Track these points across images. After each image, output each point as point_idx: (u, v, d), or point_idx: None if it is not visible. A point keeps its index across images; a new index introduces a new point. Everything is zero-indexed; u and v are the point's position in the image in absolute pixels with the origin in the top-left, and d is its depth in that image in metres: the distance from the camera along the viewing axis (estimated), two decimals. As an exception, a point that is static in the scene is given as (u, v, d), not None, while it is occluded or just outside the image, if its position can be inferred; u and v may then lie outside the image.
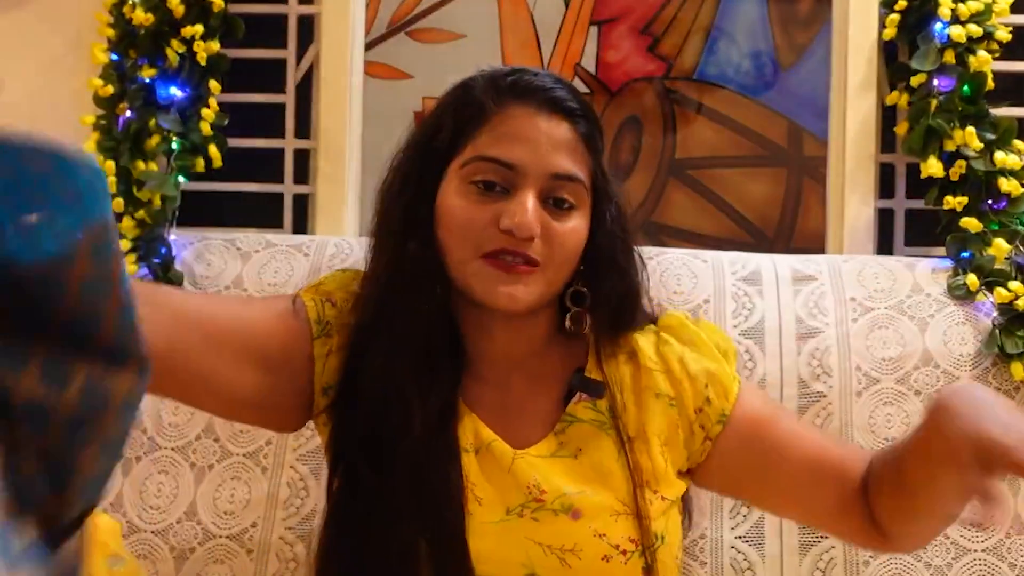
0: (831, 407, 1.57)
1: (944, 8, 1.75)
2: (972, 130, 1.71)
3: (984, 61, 1.74)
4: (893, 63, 1.86)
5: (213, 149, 1.81)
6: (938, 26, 1.76)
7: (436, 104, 1.18)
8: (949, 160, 1.73)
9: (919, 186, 1.81)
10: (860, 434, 1.56)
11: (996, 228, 1.69)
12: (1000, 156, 1.70)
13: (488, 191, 1.09)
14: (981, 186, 1.71)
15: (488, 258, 1.09)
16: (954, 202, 1.71)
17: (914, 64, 1.77)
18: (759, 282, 1.66)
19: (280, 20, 1.96)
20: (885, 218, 1.90)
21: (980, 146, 1.71)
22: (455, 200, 1.10)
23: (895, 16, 1.80)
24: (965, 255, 1.68)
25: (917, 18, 1.79)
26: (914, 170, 1.82)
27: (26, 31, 1.92)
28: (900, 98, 1.82)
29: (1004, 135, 1.72)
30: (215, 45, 1.82)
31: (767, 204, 1.95)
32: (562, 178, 1.10)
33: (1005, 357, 1.58)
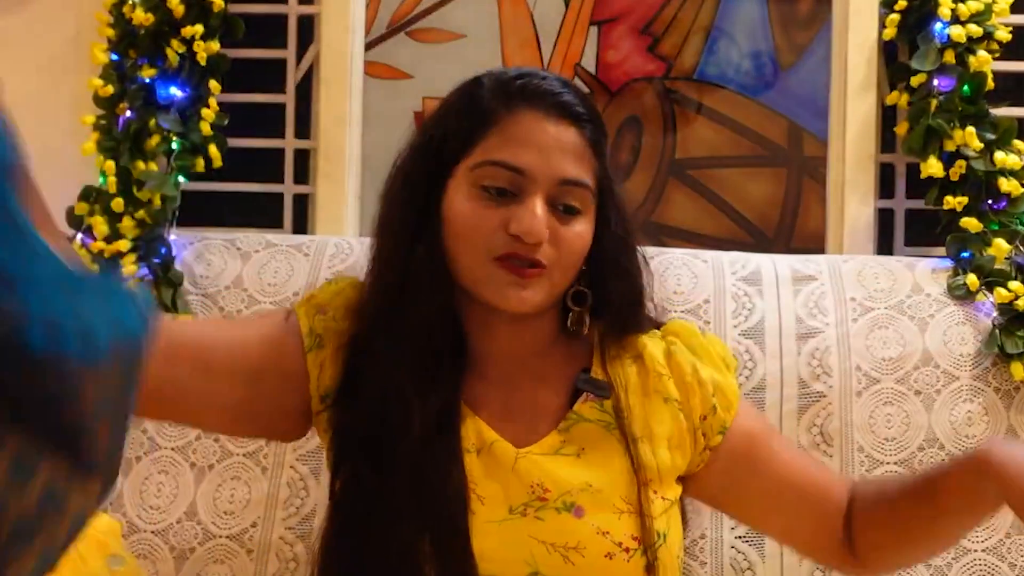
0: (831, 407, 1.57)
1: (944, 8, 1.75)
2: (972, 130, 1.71)
3: (984, 61, 1.74)
4: (893, 63, 1.86)
5: (213, 149, 1.81)
6: (938, 26, 1.76)
7: (442, 104, 1.18)
8: (949, 160, 1.73)
9: (919, 186, 1.81)
10: (860, 434, 1.56)
11: (996, 228, 1.69)
12: (1000, 156, 1.70)
13: (497, 196, 1.10)
14: (981, 186, 1.71)
15: (499, 261, 1.10)
16: (954, 202, 1.71)
17: (914, 64, 1.77)
18: (759, 282, 1.66)
19: (280, 20, 1.96)
20: (885, 218, 1.90)
21: (980, 146, 1.71)
22: (464, 203, 1.11)
23: (895, 16, 1.80)
24: (965, 255, 1.68)
25: (917, 18, 1.79)
26: (914, 170, 1.82)
27: (26, 31, 1.92)
28: (900, 98, 1.82)
29: (1004, 135, 1.72)
30: (215, 45, 1.82)
31: (767, 204, 1.95)
32: (570, 184, 1.11)
33: (1005, 357, 1.58)
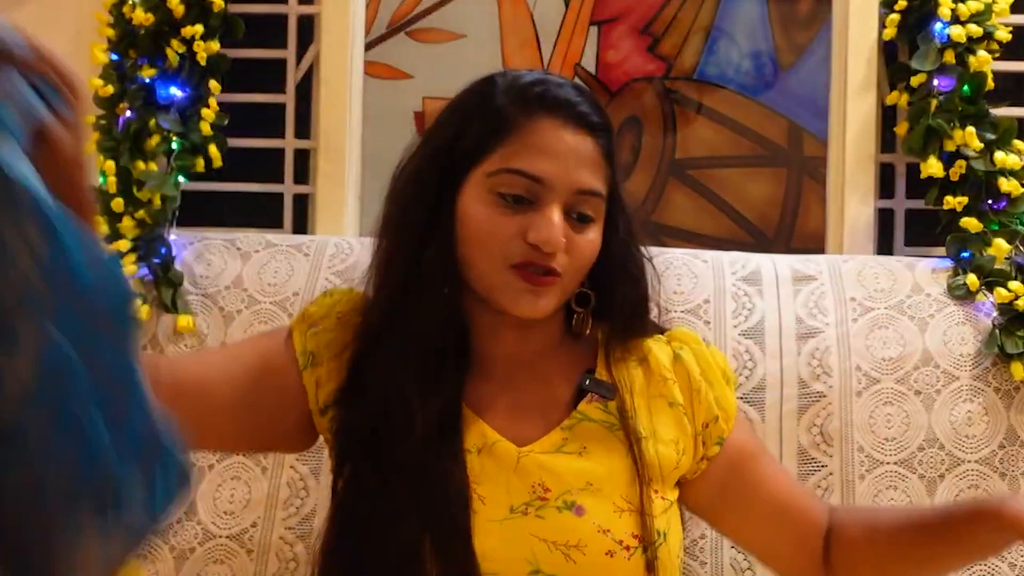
0: (831, 407, 1.57)
1: (944, 8, 1.75)
2: (972, 130, 1.71)
3: (984, 61, 1.74)
4: (893, 63, 1.86)
5: (213, 149, 1.81)
6: (938, 26, 1.76)
7: (453, 105, 1.18)
8: (949, 160, 1.73)
9: (919, 186, 1.81)
10: (860, 434, 1.56)
11: (996, 228, 1.69)
12: (1000, 156, 1.70)
13: (514, 203, 1.11)
14: (981, 186, 1.71)
15: (516, 269, 1.11)
16: (954, 202, 1.71)
17: (914, 64, 1.77)
18: (759, 282, 1.66)
19: (280, 20, 1.96)
20: (885, 218, 1.90)
21: (980, 146, 1.71)
22: (480, 209, 1.11)
23: (895, 16, 1.80)
24: (965, 255, 1.68)
25: (917, 18, 1.79)
26: (914, 170, 1.82)
27: (26, 31, 1.92)
28: (900, 98, 1.82)
29: (1004, 135, 1.72)
30: (215, 45, 1.82)
31: (767, 204, 1.95)
32: (586, 193, 1.13)
33: (1005, 357, 1.58)
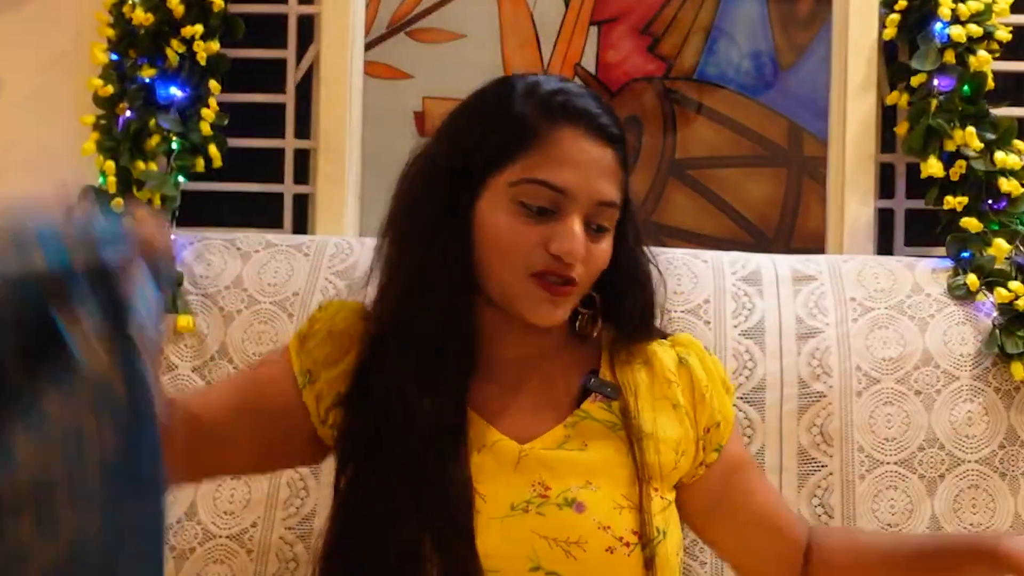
0: (831, 407, 1.57)
1: (944, 8, 1.75)
2: (972, 130, 1.71)
3: (984, 61, 1.74)
4: (893, 63, 1.86)
5: (213, 149, 1.81)
6: (938, 26, 1.76)
7: (468, 109, 1.19)
8: (949, 160, 1.73)
9: (919, 186, 1.81)
10: (860, 434, 1.56)
11: (996, 228, 1.69)
12: (1000, 156, 1.70)
13: (537, 214, 1.12)
14: (981, 186, 1.71)
15: (536, 278, 1.12)
16: (954, 202, 1.71)
17: (914, 64, 1.77)
18: (759, 282, 1.66)
19: (280, 20, 1.96)
20: (885, 218, 1.90)
21: (980, 146, 1.71)
22: (504, 218, 1.12)
23: (895, 16, 1.80)
24: (965, 255, 1.68)
25: (917, 18, 1.79)
26: (914, 170, 1.82)
27: (26, 31, 1.92)
28: (900, 98, 1.82)
29: (1004, 135, 1.72)
30: (215, 45, 1.82)
31: (767, 204, 1.95)
32: (605, 204, 1.14)
33: (1005, 357, 1.58)
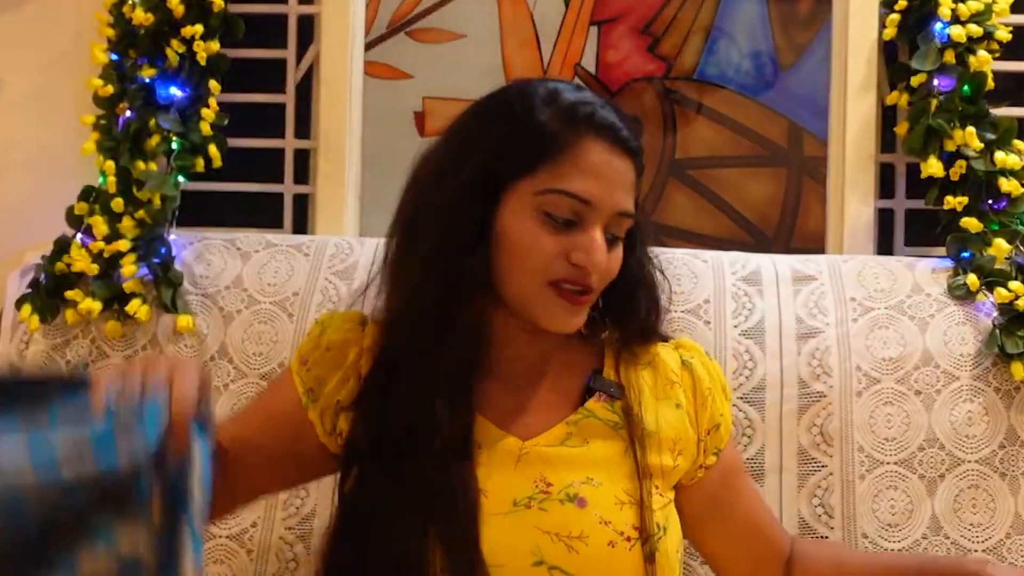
0: (831, 407, 1.57)
1: (944, 8, 1.75)
2: (972, 130, 1.71)
3: (984, 61, 1.74)
4: (893, 63, 1.86)
5: (213, 149, 1.81)
6: (938, 26, 1.76)
7: (485, 114, 1.19)
8: (949, 160, 1.73)
9: (919, 186, 1.81)
10: (860, 434, 1.56)
11: (996, 228, 1.69)
12: (1000, 156, 1.70)
13: (561, 224, 1.13)
14: (981, 186, 1.71)
15: (553, 286, 1.14)
16: (954, 202, 1.71)
17: (914, 64, 1.77)
18: (759, 282, 1.66)
19: (280, 20, 1.96)
20: (885, 218, 1.90)
21: (980, 146, 1.71)
22: (530, 227, 1.13)
23: (895, 16, 1.80)
24: (965, 255, 1.68)
25: (917, 18, 1.79)
26: (914, 170, 1.82)
27: (26, 31, 1.92)
28: (900, 98, 1.81)
29: (1004, 135, 1.72)
30: (215, 45, 1.82)
31: (767, 204, 1.95)
32: (624, 215, 1.17)
33: (1005, 357, 1.58)
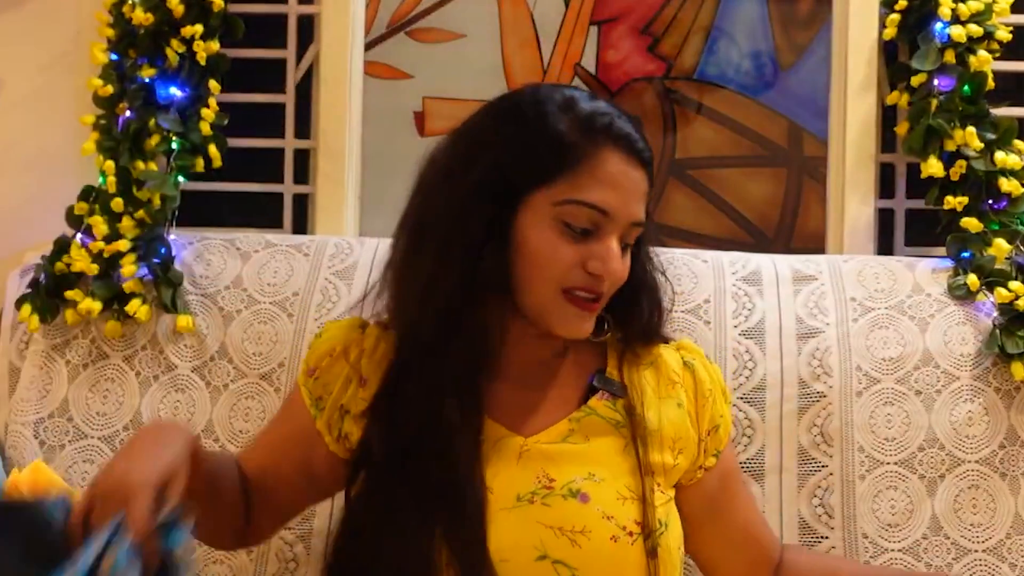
0: (831, 407, 1.57)
1: (944, 8, 1.75)
2: (972, 130, 1.71)
3: (984, 61, 1.74)
4: (893, 63, 1.86)
5: (213, 149, 1.81)
6: (938, 26, 1.76)
7: (499, 120, 1.20)
8: (949, 160, 1.73)
9: (919, 186, 1.81)
10: (860, 434, 1.56)
11: (996, 228, 1.69)
12: (1000, 156, 1.70)
13: (579, 234, 1.15)
14: (981, 186, 1.71)
15: (566, 293, 1.16)
16: (954, 202, 1.71)
17: (914, 64, 1.77)
18: (759, 282, 1.66)
19: (280, 20, 1.96)
20: (885, 218, 1.90)
21: (980, 146, 1.71)
22: (548, 236, 1.14)
23: (895, 16, 1.80)
24: (965, 255, 1.68)
25: (917, 18, 1.79)
26: (914, 170, 1.82)
27: (26, 31, 1.92)
28: (900, 98, 1.81)
29: (1004, 135, 1.72)
30: (215, 45, 1.81)
31: (767, 204, 1.95)
32: (637, 225, 1.18)
33: (1005, 357, 1.58)
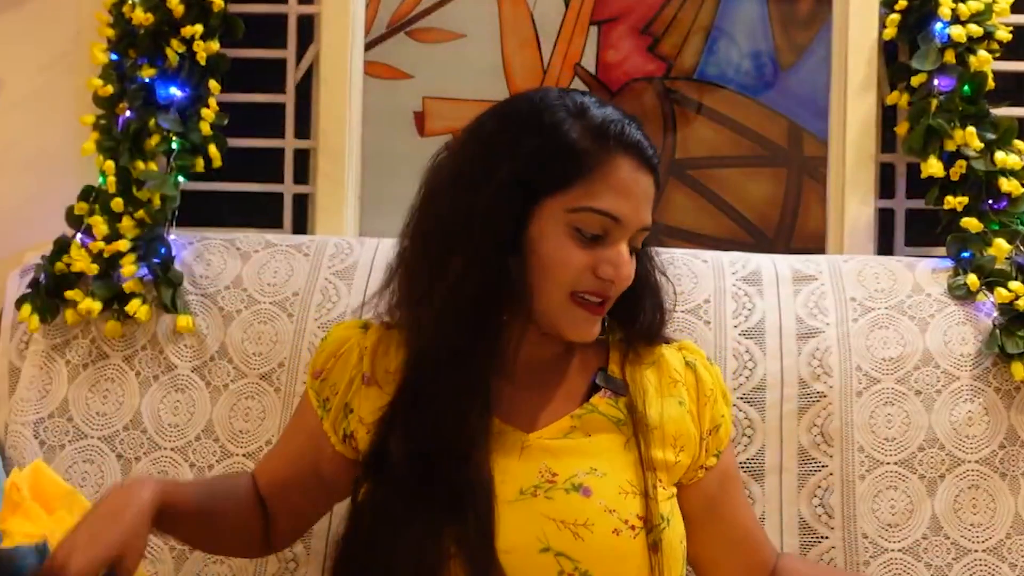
0: (831, 407, 1.57)
1: (944, 8, 1.75)
2: (972, 130, 1.71)
3: (984, 61, 1.74)
4: (893, 63, 1.86)
5: (213, 149, 1.81)
6: (938, 26, 1.76)
7: (510, 124, 1.20)
8: (949, 160, 1.73)
9: (919, 186, 1.81)
10: (860, 434, 1.56)
11: (996, 228, 1.69)
12: (1000, 156, 1.70)
13: (590, 239, 1.16)
14: (981, 186, 1.71)
15: (574, 297, 1.17)
16: (954, 202, 1.71)
17: (914, 64, 1.77)
18: (759, 282, 1.66)
19: (280, 20, 1.96)
20: (885, 218, 1.90)
21: (980, 146, 1.71)
22: (563, 242, 1.16)
23: (895, 16, 1.80)
24: (965, 255, 1.68)
25: (917, 18, 1.79)
26: (914, 170, 1.82)
27: (26, 31, 1.92)
28: (900, 98, 1.81)
29: (1004, 135, 1.72)
30: (215, 45, 1.81)
31: (767, 204, 1.95)
32: (645, 229, 1.20)
33: (1005, 357, 1.58)
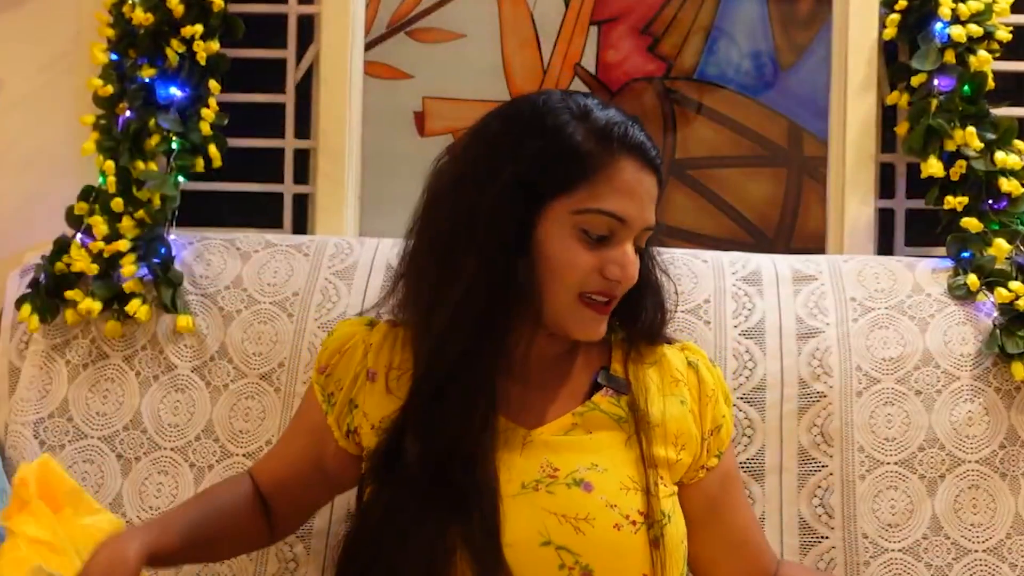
0: (831, 407, 1.57)
1: (944, 8, 1.75)
2: (972, 130, 1.71)
3: (984, 61, 1.74)
4: (893, 63, 1.86)
5: (213, 149, 1.81)
6: (938, 26, 1.76)
7: (514, 126, 1.21)
8: (949, 160, 1.73)
9: (919, 186, 1.81)
10: (860, 434, 1.56)
11: (996, 228, 1.69)
12: (1000, 156, 1.70)
13: (596, 240, 1.17)
14: (981, 186, 1.71)
15: (581, 298, 1.18)
16: (954, 202, 1.71)
17: (914, 64, 1.77)
18: (759, 282, 1.66)
19: (280, 20, 1.96)
20: (885, 218, 1.90)
21: (980, 146, 1.71)
22: (569, 243, 1.17)
23: (895, 16, 1.80)
24: (966, 255, 1.68)
25: (917, 18, 1.79)
26: (914, 170, 1.82)
27: (26, 31, 1.92)
28: (900, 98, 1.81)
29: (1004, 135, 1.72)
30: (215, 45, 1.81)
31: (767, 204, 1.95)
32: (649, 229, 1.21)
33: (1005, 357, 1.58)
